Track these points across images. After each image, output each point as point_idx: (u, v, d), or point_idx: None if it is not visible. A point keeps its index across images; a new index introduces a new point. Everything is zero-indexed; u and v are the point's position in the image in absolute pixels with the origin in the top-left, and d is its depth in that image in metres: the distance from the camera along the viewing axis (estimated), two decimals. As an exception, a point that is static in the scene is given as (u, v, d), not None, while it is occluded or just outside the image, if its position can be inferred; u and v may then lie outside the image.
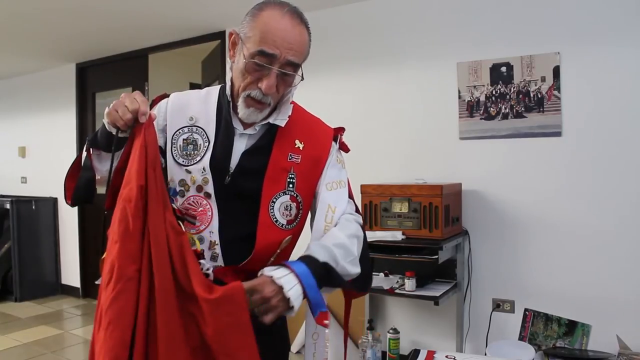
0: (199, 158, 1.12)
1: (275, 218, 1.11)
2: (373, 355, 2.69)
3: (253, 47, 1.05)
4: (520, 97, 2.65)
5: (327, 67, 3.23)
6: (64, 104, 4.82)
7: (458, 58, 2.82)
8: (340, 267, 1.06)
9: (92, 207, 4.51)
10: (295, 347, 3.00)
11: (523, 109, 2.65)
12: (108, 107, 1.05)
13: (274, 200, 1.11)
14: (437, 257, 2.43)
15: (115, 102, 1.04)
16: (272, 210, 1.11)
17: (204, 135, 1.14)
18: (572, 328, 2.52)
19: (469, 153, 2.80)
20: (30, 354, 3.34)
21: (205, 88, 1.24)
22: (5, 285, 4.72)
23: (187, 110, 1.17)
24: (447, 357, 1.61)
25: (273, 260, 1.10)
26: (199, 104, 1.18)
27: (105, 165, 1.09)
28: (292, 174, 1.13)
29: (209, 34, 3.82)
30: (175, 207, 1.06)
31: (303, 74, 1.12)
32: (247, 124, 1.15)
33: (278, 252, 1.11)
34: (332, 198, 1.15)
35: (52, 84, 4.97)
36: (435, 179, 2.80)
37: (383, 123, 3.07)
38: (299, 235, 1.18)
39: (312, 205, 1.18)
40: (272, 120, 1.14)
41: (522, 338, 2.62)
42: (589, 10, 2.49)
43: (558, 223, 2.57)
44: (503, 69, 2.69)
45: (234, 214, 1.12)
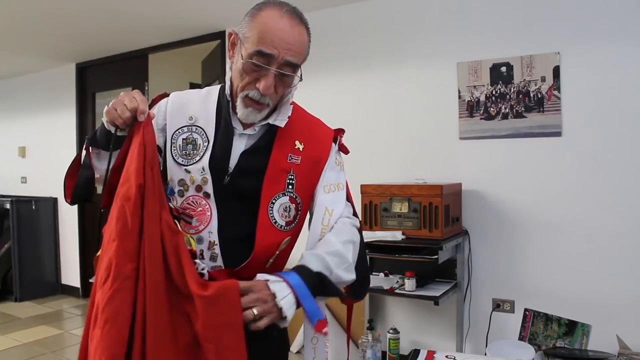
0: (199, 158, 1.11)
1: (274, 219, 1.11)
2: (373, 355, 2.69)
3: (251, 47, 1.05)
4: (520, 97, 2.65)
5: (326, 67, 3.22)
6: (64, 104, 4.82)
7: (458, 58, 2.82)
8: (335, 275, 1.06)
9: (92, 207, 4.52)
10: (295, 347, 3.00)
11: (523, 109, 2.64)
12: (107, 105, 1.05)
13: (273, 201, 1.11)
14: (437, 257, 2.43)
15: (115, 100, 1.04)
16: (271, 211, 1.10)
17: (204, 135, 1.13)
18: (572, 328, 2.52)
19: (469, 153, 2.80)
20: (30, 354, 3.34)
21: (206, 88, 1.23)
22: (5, 285, 4.72)
23: (187, 110, 1.16)
24: (447, 357, 1.61)
25: (272, 262, 1.10)
26: (199, 104, 1.17)
27: (104, 164, 1.08)
28: (291, 175, 1.13)
29: (209, 34, 3.82)
30: (172, 206, 1.06)
31: (302, 75, 1.11)
32: (246, 124, 1.14)
33: (277, 253, 1.10)
34: (329, 201, 1.15)
35: (52, 84, 4.97)
36: (435, 179, 2.80)
37: (383, 123, 3.07)
38: (298, 237, 1.18)
39: (310, 207, 1.18)
40: (271, 121, 1.14)
41: (522, 338, 2.62)
42: (589, 10, 2.48)
43: (558, 223, 2.57)
44: (503, 69, 2.69)
45: (233, 214, 1.11)
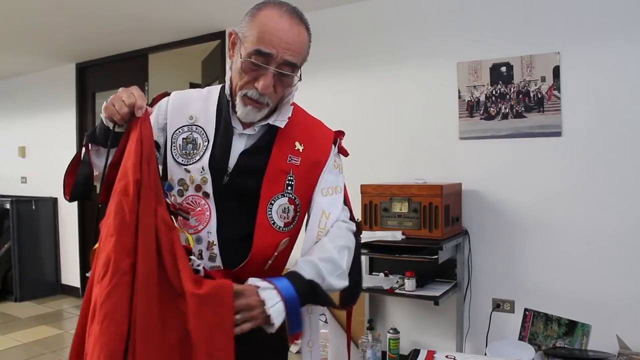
0: (198, 157, 1.11)
1: (273, 220, 1.10)
2: (373, 355, 2.69)
3: (250, 46, 1.05)
4: (520, 97, 2.65)
5: (327, 67, 3.22)
6: (64, 104, 4.82)
7: (458, 58, 2.81)
8: (326, 283, 1.06)
9: (91, 206, 4.52)
10: (295, 347, 3.00)
11: (523, 109, 2.64)
12: (106, 101, 1.05)
13: (272, 202, 1.11)
14: (437, 257, 2.43)
15: (113, 96, 1.04)
16: (269, 212, 1.10)
17: (204, 135, 1.13)
18: (572, 328, 2.52)
19: (469, 153, 2.79)
20: (30, 354, 3.34)
21: (207, 87, 1.23)
22: (5, 285, 4.71)
23: (187, 109, 1.16)
24: (447, 357, 1.61)
25: (271, 263, 1.10)
26: (200, 103, 1.17)
27: (103, 161, 1.08)
28: (291, 176, 1.13)
29: (209, 34, 3.82)
30: (169, 202, 1.05)
31: (301, 75, 1.11)
32: (246, 124, 1.14)
33: (275, 254, 1.10)
34: (326, 204, 1.15)
35: (52, 84, 4.96)
36: (435, 179, 2.80)
37: (383, 123, 3.07)
38: (297, 238, 1.17)
39: (308, 209, 1.18)
40: (271, 121, 1.14)
41: (522, 338, 2.62)
42: (589, 10, 2.48)
43: (558, 223, 2.57)
44: (503, 69, 2.69)
45: (233, 214, 1.11)
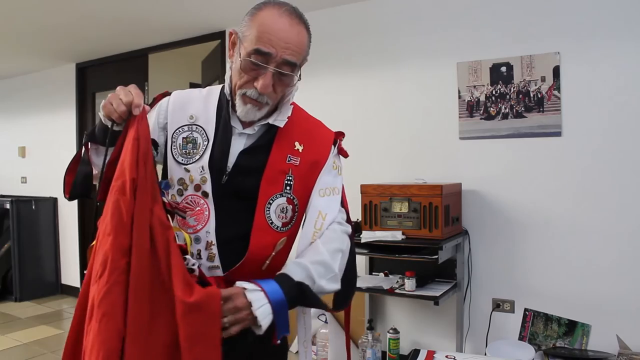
0: (198, 157, 1.12)
1: (271, 220, 1.11)
2: (373, 355, 2.69)
3: (250, 45, 1.05)
4: (520, 97, 2.65)
5: (327, 67, 3.22)
6: (64, 104, 4.82)
7: (458, 58, 2.81)
8: (317, 285, 1.06)
9: (91, 206, 4.50)
10: (295, 347, 3.00)
11: (523, 109, 2.64)
12: (104, 100, 1.05)
13: (271, 202, 1.11)
14: (437, 257, 2.43)
15: (111, 94, 1.04)
16: (268, 212, 1.10)
17: (204, 134, 1.13)
18: (572, 328, 2.52)
19: (469, 153, 2.79)
20: (30, 354, 3.34)
21: (207, 87, 1.23)
22: (5, 285, 4.71)
23: (187, 109, 1.17)
24: (447, 357, 1.61)
25: (269, 263, 1.10)
26: (200, 103, 1.18)
27: (102, 160, 1.08)
28: (290, 176, 1.13)
29: (209, 34, 3.82)
30: (166, 200, 1.05)
31: (300, 75, 1.11)
32: (246, 124, 1.14)
33: (273, 254, 1.11)
34: (323, 205, 1.15)
35: (52, 84, 4.96)
36: (435, 179, 2.80)
37: (383, 123, 3.06)
38: (295, 238, 1.17)
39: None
40: (271, 121, 1.14)
41: (522, 338, 2.62)
42: (589, 10, 2.48)
43: (558, 223, 2.57)
44: (503, 69, 2.69)
45: (232, 214, 1.11)
